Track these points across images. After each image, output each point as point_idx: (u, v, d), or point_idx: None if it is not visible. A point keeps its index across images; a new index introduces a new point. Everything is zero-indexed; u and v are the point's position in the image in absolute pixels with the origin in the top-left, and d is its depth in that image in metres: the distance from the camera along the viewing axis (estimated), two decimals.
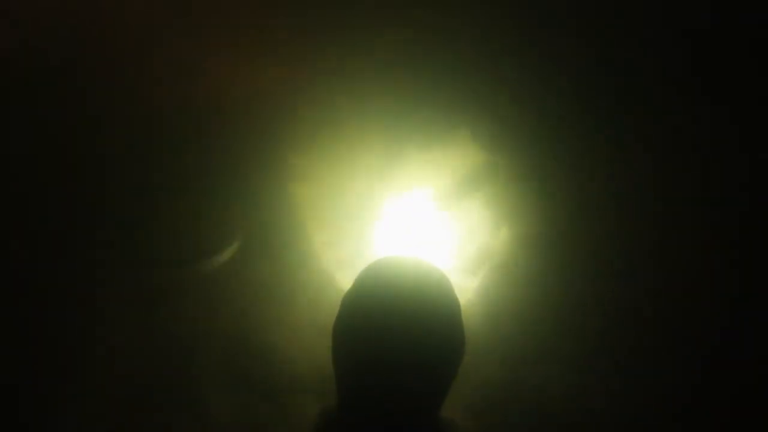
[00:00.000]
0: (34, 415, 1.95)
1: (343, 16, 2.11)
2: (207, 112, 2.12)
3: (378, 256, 1.07)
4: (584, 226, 2.11)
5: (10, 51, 1.97)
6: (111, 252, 2.07)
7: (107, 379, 2.00)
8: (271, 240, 2.13)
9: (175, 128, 2.10)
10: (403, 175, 2.20)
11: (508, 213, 2.18)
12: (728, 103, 2.08)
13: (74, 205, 2.07)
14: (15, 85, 2.01)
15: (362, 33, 2.10)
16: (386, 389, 0.93)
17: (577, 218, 2.11)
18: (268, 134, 2.13)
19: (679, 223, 2.08)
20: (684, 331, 2.06)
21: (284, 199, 2.15)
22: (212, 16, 2.09)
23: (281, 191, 2.15)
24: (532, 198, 2.14)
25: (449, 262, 2.19)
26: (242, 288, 2.09)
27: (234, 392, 2.03)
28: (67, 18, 2.01)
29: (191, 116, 2.11)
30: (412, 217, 2.24)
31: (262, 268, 2.11)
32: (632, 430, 2.04)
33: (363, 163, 2.16)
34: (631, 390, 2.04)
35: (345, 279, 2.10)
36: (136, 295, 2.07)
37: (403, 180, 2.22)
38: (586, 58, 2.11)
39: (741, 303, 2.03)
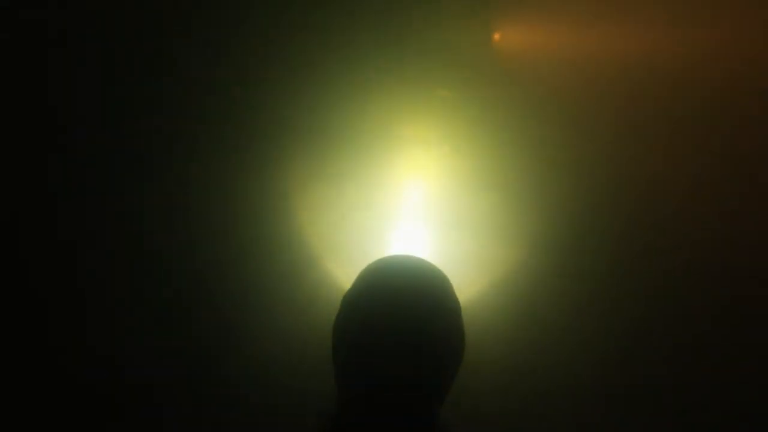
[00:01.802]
0: None
1: (346, 14, 2.10)
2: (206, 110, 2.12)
3: (378, 255, 1.07)
4: (589, 225, 2.10)
5: None
6: (109, 250, 2.07)
7: (106, 378, 2.01)
8: (270, 239, 2.13)
9: (169, 127, 2.10)
10: (402, 173, 2.20)
11: (510, 211, 2.17)
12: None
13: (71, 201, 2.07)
14: None
15: (362, 29, 2.09)
16: (386, 389, 0.93)
17: (582, 217, 2.11)
18: (266, 132, 2.13)
19: (687, 223, 2.07)
20: (691, 332, 2.06)
21: (283, 198, 2.15)
22: None
23: (280, 189, 2.15)
24: (538, 196, 2.14)
25: (449, 262, 2.18)
26: (241, 288, 2.09)
27: (233, 393, 2.03)
28: None
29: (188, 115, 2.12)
30: (412, 215, 2.24)
31: (261, 267, 2.11)
32: None
33: (363, 160, 2.15)
34: (632, 391, 2.04)
35: (345, 279, 2.10)
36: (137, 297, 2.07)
37: (402, 178, 2.21)
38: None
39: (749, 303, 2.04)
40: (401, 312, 0.94)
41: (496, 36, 2.09)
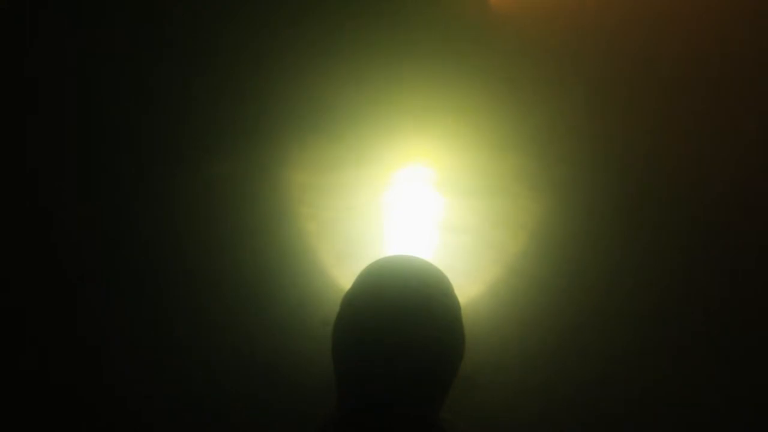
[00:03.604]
0: None
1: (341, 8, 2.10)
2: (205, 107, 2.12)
3: (378, 255, 1.07)
4: (591, 224, 2.10)
5: None
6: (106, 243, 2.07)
7: (104, 375, 2.01)
8: (271, 240, 2.13)
9: (163, 127, 2.10)
10: (402, 171, 2.20)
11: (512, 211, 2.17)
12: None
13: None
14: None
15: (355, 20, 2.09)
16: (386, 389, 0.93)
17: (583, 216, 2.11)
18: (265, 133, 2.13)
19: (690, 223, 2.07)
20: (690, 333, 2.06)
21: (283, 198, 2.15)
22: None
23: (280, 189, 2.15)
24: (541, 196, 2.14)
25: (450, 261, 2.18)
26: (241, 288, 2.09)
27: (233, 393, 2.03)
28: None
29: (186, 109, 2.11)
30: (413, 214, 2.24)
31: (261, 268, 2.11)
32: None
33: (363, 158, 2.16)
34: (633, 391, 2.04)
35: (345, 279, 2.10)
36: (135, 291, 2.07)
37: (402, 176, 2.21)
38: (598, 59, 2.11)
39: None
40: (401, 313, 0.94)
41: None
